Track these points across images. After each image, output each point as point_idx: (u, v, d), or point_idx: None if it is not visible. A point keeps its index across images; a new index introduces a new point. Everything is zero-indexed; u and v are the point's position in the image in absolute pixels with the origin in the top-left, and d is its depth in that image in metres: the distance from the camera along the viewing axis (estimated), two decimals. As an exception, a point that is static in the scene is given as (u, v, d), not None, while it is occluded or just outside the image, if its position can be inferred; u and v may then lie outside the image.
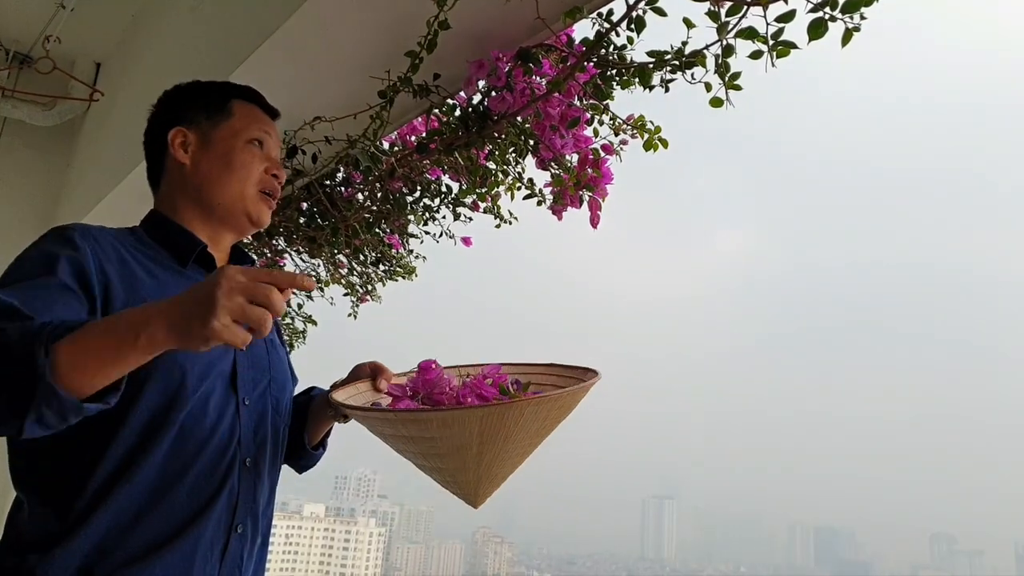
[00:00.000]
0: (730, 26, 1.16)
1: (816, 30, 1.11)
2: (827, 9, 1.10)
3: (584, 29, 1.39)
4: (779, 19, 1.15)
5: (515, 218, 1.87)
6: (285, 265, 2.67)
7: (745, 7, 1.13)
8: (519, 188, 1.62)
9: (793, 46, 1.17)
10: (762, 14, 1.14)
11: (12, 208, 3.22)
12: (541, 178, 1.66)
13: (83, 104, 3.03)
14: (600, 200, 1.56)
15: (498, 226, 1.88)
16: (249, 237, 1.63)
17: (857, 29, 1.09)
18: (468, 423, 1.05)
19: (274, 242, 2.51)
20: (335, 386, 1.29)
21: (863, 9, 1.09)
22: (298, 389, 1.38)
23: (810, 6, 1.11)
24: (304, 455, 1.35)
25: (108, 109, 2.89)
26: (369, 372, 1.28)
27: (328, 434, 1.38)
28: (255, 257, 1.43)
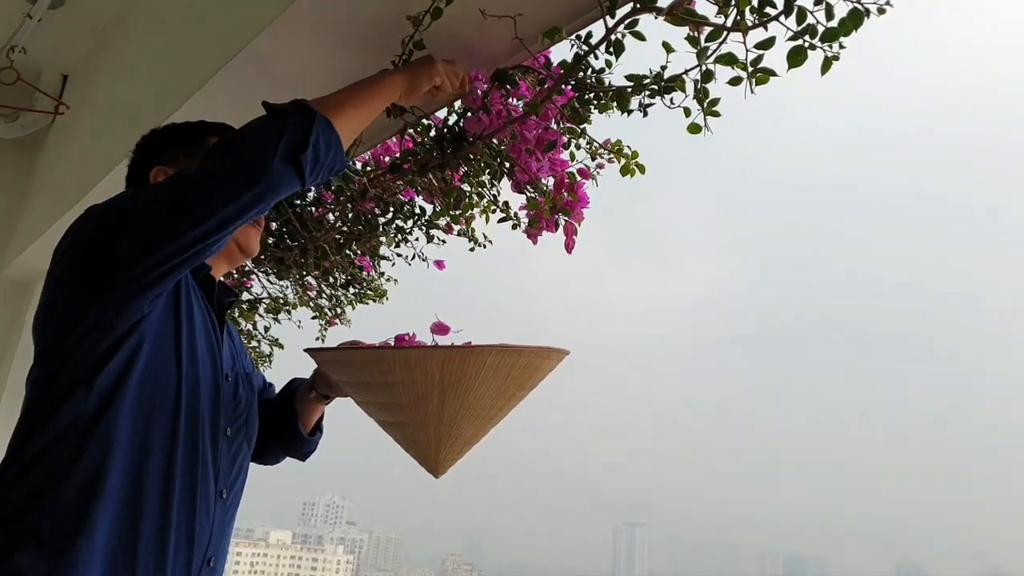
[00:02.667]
0: (709, 51, 1.14)
1: (795, 58, 1.10)
2: (807, 37, 1.09)
3: (562, 51, 1.38)
4: (759, 46, 1.14)
5: (489, 241, 1.83)
6: (252, 286, 2.60)
7: (725, 32, 1.11)
8: (494, 211, 1.59)
9: (772, 73, 1.15)
10: (742, 40, 1.13)
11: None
12: (516, 201, 1.64)
13: (48, 117, 2.95)
14: (576, 225, 1.53)
15: (472, 249, 1.84)
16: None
17: (836, 58, 1.08)
18: (429, 366, 1.06)
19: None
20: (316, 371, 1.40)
21: (842, 39, 1.08)
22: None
23: (790, 33, 1.10)
24: (302, 442, 1.45)
25: (74, 122, 2.81)
26: (347, 345, 1.35)
27: (322, 418, 1.48)
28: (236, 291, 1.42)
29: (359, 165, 1.87)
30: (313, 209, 2.05)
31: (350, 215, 1.92)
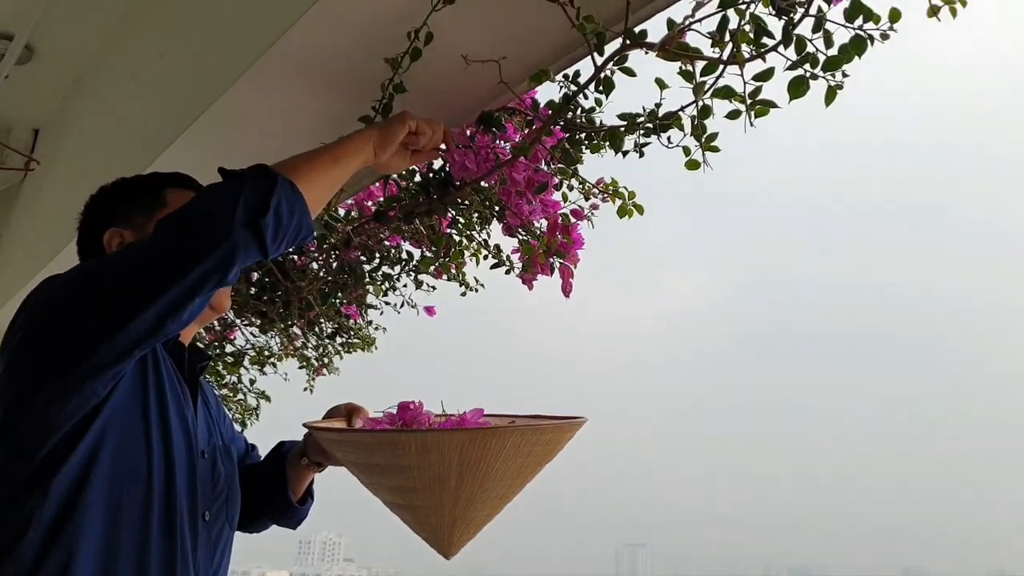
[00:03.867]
0: (706, 86, 1.09)
1: (797, 89, 1.05)
2: (807, 66, 1.04)
3: (549, 89, 1.32)
4: (757, 77, 1.08)
5: (481, 285, 1.77)
6: (235, 339, 2.52)
7: (721, 66, 1.06)
8: (485, 257, 1.52)
9: (773, 105, 1.10)
10: (739, 72, 1.08)
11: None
12: (508, 243, 1.57)
13: (19, 173, 2.87)
14: (572, 267, 1.46)
15: (463, 294, 1.78)
16: None
17: (840, 87, 1.03)
18: (448, 450, 0.99)
19: (223, 315, 2.36)
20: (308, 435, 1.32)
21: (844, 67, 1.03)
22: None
23: (789, 63, 1.05)
24: (292, 511, 1.37)
25: (45, 178, 2.74)
26: (344, 412, 1.28)
27: (312, 484, 1.40)
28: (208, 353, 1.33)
29: (342, 212, 1.80)
30: (296, 258, 1.98)
31: (334, 264, 1.85)
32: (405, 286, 1.86)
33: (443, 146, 1.28)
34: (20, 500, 0.92)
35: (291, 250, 1.98)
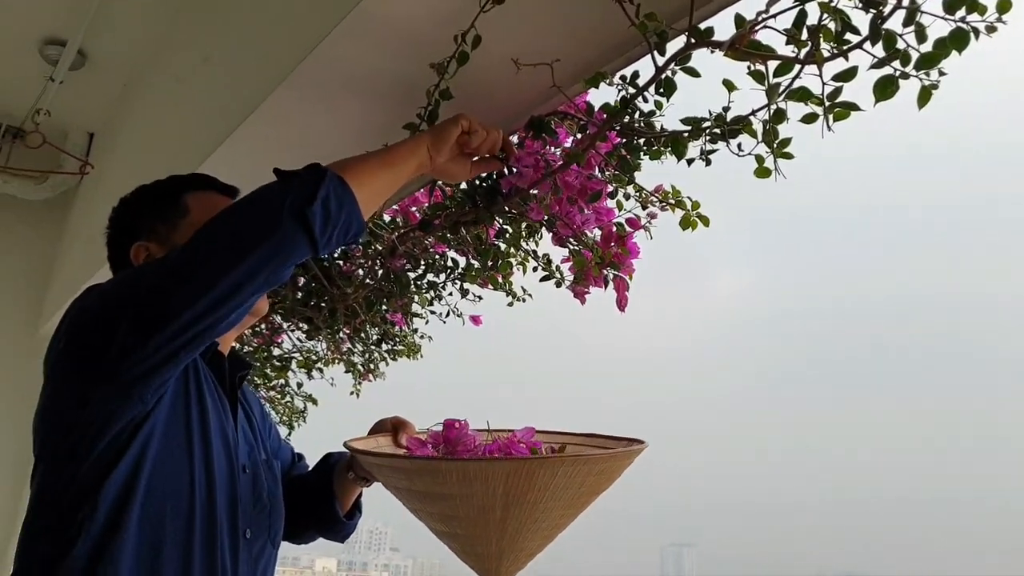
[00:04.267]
0: (780, 87, 0.99)
1: (885, 89, 0.93)
2: (897, 64, 0.92)
3: (602, 94, 1.23)
4: (837, 77, 0.98)
5: (529, 295, 1.69)
6: (283, 342, 2.49)
7: (797, 66, 0.96)
8: (535, 269, 1.44)
9: (855, 108, 0.99)
10: (817, 73, 0.97)
11: (4, 281, 3.08)
12: (556, 254, 1.49)
13: (75, 177, 2.91)
14: (627, 279, 1.37)
15: (510, 304, 1.70)
16: None
17: (935, 87, 0.92)
18: (492, 479, 0.92)
19: (272, 317, 2.34)
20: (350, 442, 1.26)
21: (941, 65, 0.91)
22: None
23: (873, 61, 0.94)
24: (339, 525, 1.32)
25: (99, 181, 2.76)
26: (390, 427, 1.23)
27: (360, 497, 1.35)
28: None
29: (387, 219, 1.75)
30: (342, 263, 1.93)
31: (379, 271, 1.80)
32: (451, 294, 1.79)
33: (501, 153, 1.21)
34: (71, 510, 0.90)
35: (336, 254, 1.94)
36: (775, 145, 1.07)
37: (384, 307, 1.82)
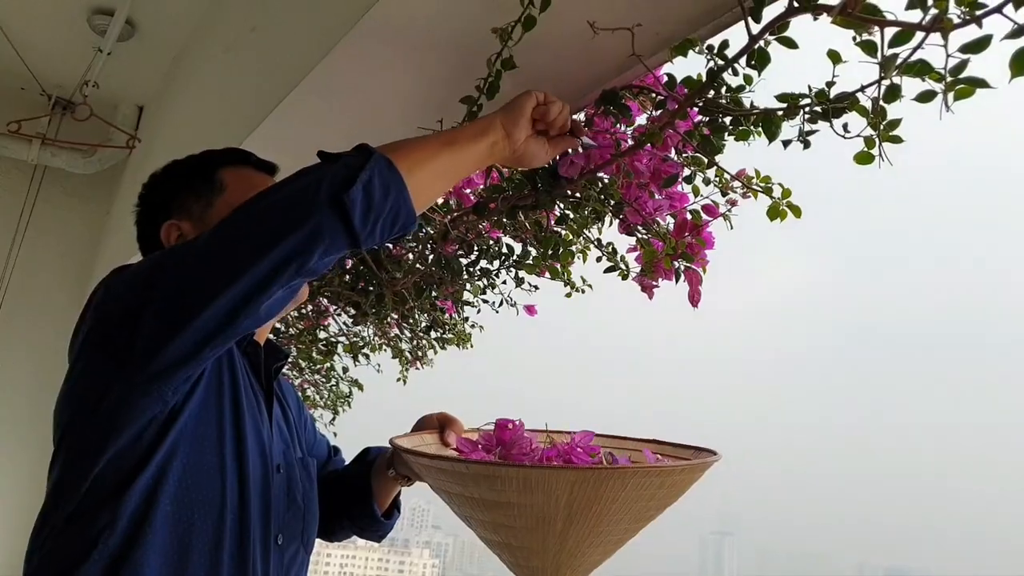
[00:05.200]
0: (898, 59, 0.85)
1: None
2: (1042, 33, 0.79)
3: (680, 66, 1.11)
4: (965, 48, 0.84)
5: (589, 285, 1.58)
6: (329, 325, 2.44)
7: (923, 34, 0.82)
8: (599, 259, 1.32)
9: (984, 84, 0.85)
10: (942, 42, 0.84)
11: (51, 256, 3.09)
12: (621, 243, 1.37)
13: (123, 151, 2.88)
14: (700, 272, 1.25)
15: (568, 295, 1.59)
16: None
17: (1090, 61, 0.78)
18: (556, 489, 0.85)
19: (318, 300, 2.28)
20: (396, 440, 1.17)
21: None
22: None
23: (1013, 27, 0.80)
24: (377, 525, 1.24)
25: (145, 155, 2.73)
26: (437, 424, 1.13)
27: (399, 495, 1.28)
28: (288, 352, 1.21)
29: (439, 201, 1.65)
30: (391, 246, 1.85)
31: (430, 256, 1.70)
32: (504, 283, 1.69)
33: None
34: (84, 519, 0.84)
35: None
36: (882, 127, 0.94)
37: (434, 294, 1.73)
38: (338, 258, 0.85)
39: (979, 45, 0.83)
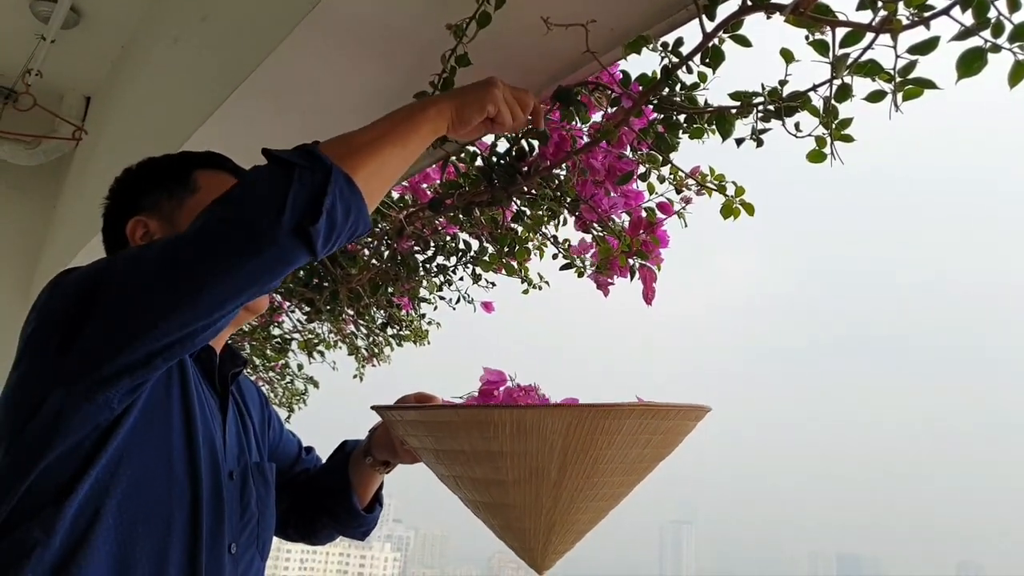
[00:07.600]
0: (849, 59, 0.86)
1: (971, 64, 0.81)
2: (987, 35, 0.80)
3: (635, 64, 1.11)
4: (914, 50, 0.85)
5: (546, 282, 1.57)
6: (283, 321, 2.39)
7: (873, 35, 0.83)
8: (555, 256, 1.32)
9: (931, 85, 0.87)
10: (891, 43, 0.85)
11: (-7, 250, 2.98)
12: (577, 240, 1.37)
13: (70, 142, 2.78)
14: (655, 270, 1.26)
15: (526, 292, 1.59)
16: None
17: (1028, 64, 0.79)
18: (550, 432, 0.83)
19: (271, 296, 2.23)
20: (373, 430, 1.20)
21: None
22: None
23: (960, 29, 0.81)
24: (359, 520, 1.22)
25: (93, 147, 2.64)
26: (413, 400, 1.12)
27: (380, 489, 1.25)
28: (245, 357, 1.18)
29: (395, 196, 1.63)
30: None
31: (386, 252, 1.68)
32: (461, 279, 1.68)
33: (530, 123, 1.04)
34: (17, 528, 0.79)
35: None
36: (834, 126, 0.95)
37: (390, 290, 1.70)
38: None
39: (927, 46, 0.85)
